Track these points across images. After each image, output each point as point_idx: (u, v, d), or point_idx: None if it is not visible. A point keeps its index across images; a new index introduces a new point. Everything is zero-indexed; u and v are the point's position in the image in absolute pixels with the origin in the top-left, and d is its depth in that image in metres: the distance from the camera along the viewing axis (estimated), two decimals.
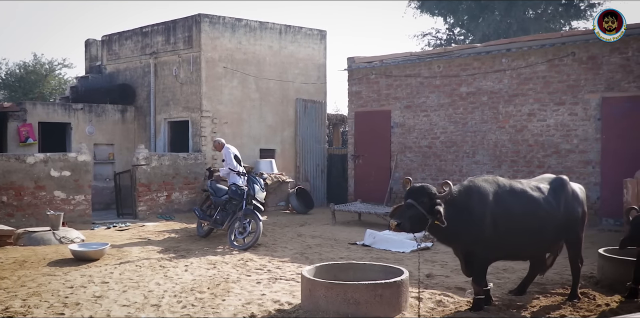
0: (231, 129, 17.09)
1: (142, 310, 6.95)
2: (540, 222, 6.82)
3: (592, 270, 8.46)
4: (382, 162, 16.48)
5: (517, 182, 7.04)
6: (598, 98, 12.89)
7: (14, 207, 12.85)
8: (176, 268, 9.35)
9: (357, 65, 16.88)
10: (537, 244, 7.02)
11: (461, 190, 6.62)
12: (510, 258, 7.44)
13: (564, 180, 7.22)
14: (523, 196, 6.82)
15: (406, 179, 6.76)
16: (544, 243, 7.05)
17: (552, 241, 7.12)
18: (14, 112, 16.28)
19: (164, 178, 15.34)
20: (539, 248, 7.18)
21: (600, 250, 8.15)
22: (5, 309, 6.92)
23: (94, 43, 20.89)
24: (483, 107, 14.56)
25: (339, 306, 6.44)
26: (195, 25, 16.63)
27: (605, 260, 7.95)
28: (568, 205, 7.05)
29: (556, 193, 7.02)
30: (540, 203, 6.85)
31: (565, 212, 7.01)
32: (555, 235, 7.05)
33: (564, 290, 7.58)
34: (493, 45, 14.73)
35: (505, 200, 6.68)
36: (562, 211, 6.97)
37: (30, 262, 9.79)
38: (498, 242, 6.63)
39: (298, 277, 8.53)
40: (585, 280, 7.98)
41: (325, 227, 13.81)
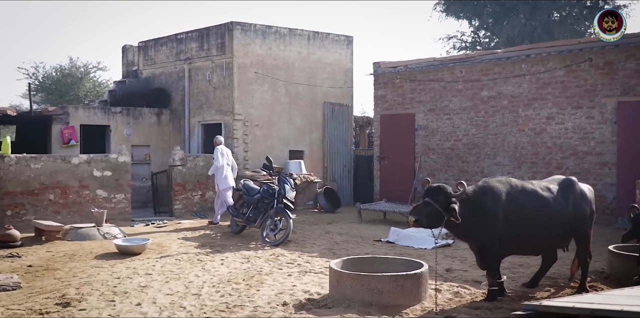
0: (262, 132, 17.81)
1: (184, 298, 7.62)
2: (550, 219, 7.37)
3: (604, 266, 8.97)
4: (407, 163, 17.03)
5: (528, 183, 7.62)
6: (614, 102, 13.33)
7: (60, 204, 13.65)
8: (213, 262, 10.02)
9: (383, 70, 17.48)
10: (547, 240, 7.58)
11: (476, 190, 7.21)
12: (522, 252, 8.02)
13: (573, 180, 7.77)
14: (533, 196, 7.39)
15: (425, 180, 7.38)
16: (553, 239, 7.60)
17: (561, 237, 7.67)
18: (58, 116, 17.18)
19: (198, 178, 16.08)
20: (548, 244, 7.75)
21: (610, 247, 8.67)
22: (62, 296, 7.64)
23: (131, 49, 21.75)
24: (503, 110, 15.06)
25: (363, 295, 7.05)
26: (227, 33, 17.38)
27: (615, 256, 8.45)
28: (576, 204, 7.58)
29: (565, 193, 7.56)
30: (549, 202, 7.40)
31: (574, 211, 7.54)
32: (564, 232, 7.60)
33: (574, 283, 8.02)
34: (513, 51, 15.24)
35: (517, 199, 7.24)
36: (571, 209, 7.50)
37: (79, 255, 10.55)
38: (510, 237, 7.19)
39: (326, 271, 9.17)
40: (595, 275, 8.47)
41: (352, 225, 14.37)
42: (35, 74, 37.32)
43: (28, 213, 13.20)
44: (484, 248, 7.32)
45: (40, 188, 13.39)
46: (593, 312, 3.79)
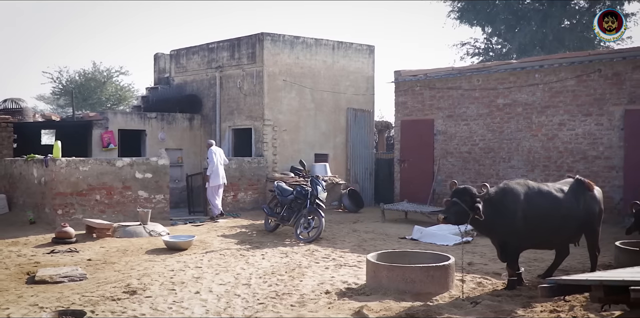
0: (289, 136, 18.79)
1: (236, 287, 8.57)
2: (563, 217, 8.27)
3: (611, 260, 9.84)
4: (426, 166, 17.86)
5: (544, 185, 8.57)
6: (621, 110, 14.12)
7: (106, 204, 14.64)
8: (254, 256, 10.95)
9: (403, 78, 18.37)
10: (560, 236, 8.51)
11: (497, 191, 8.14)
12: (538, 247, 8.97)
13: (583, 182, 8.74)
14: (549, 196, 8.31)
15: (452, 182, 8.35)
16: (566, 235, 8.53)
17: (573, 233, 8.59)
18: (98, 121, 18.21)
19: (230, 179, 17.00)
20: (561, 239, 8.67)
21: (617, 243, 9.59)
22: (127, 285, 8.60)
23: (162, 57, 22.72)
24: (518, 117, 15.91)
25: (398, 284, 7.98)
26: (258, 43, 18.36)
27: (621, 250, 9.37)
28: (586, 204, 8.50)
29: (576, 194, 8.51)
30: (562, 202, 8.32)
31: (584, 210, 8.47)
32: (575, 229, 8.52)
33: None
34: (527, 61, 16.13)
35: (534, 200, 8.16)
36: (582, 209, 8.45)
37: (131, 251, 11.50)
38: (527, 233, 8.09)
39: (359, 264, 10.15)
40: (604, 268, 9.31)
41: (376, 224, 15.20)
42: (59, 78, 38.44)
43: (77, 213, 14.18)
44: (505, 243, 8.22)
45: (88, 189, 14.38)
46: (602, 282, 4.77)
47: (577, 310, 7.08)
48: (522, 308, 7.25)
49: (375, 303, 7.42)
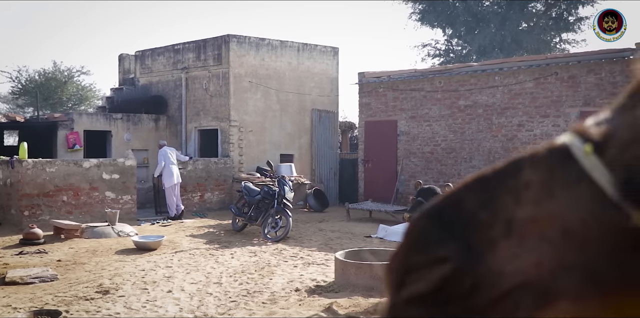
0: (255, 137, 18.97)
1: (208, 286, 8.79)
2: None
3: None
4: (389, 166, 18.23)
5: None
6: (577, 112, 14.60)
7: (73, 205, 14.68)
8: (224, 255, 11.15)
9: (367, 79, 18.71)
10: None
11: None
12: None
13: None
14: None
15: (417, 182, 8.73)
16: None
17: None
18: (63, 122, 18.18)
19: (197, 180, 17.20)
20: None
21: None
22: (99, 285, 8.74)
23: (127, 57, 22.69)
24: (479, 118, 16.35)
25: (366, 281, 8.29)
26: (224, 44, 18.51)
27: None
28: None
29: None
30: None
31: None
32: None
33: None
34: (487, 64, 16.60)
35: None
36: None
37: (100, 251, 11.59)
38: None
39: (327, 262, 10.43)
40: None
41: (342, 223, 15.46)
42: (18, 77, 37.93)
43: (44, 214, 14.19)
44: None
45: (55, 190, 14.41)
46: None
47: None
48: None
49: (345, 300, 7.69)
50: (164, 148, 16.34)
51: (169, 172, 15.95)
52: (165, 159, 16.02)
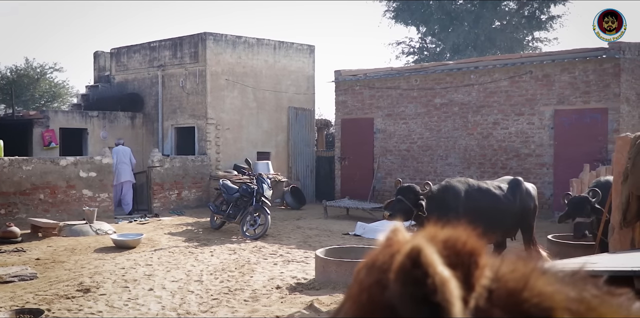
0: (232, 134, 18.99)
1: (189, 284, 8.82)
2: (501, 213, 8.79)
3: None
4: (366, 164, 18.36)
5: (483, 183, 9.09)
6: (551, 110, 14.85)
7: (49, 203, 14.61)
8: (203, 253, 11.19)
9: (344, 77, 18.79)
10: (499, 230, 9.04)
11: (440, 189, 8.60)
12: None
13: (519, 180, 9.27)
14: (487, 193, 8.82)
15: (397, 180, 8.80)
16: (504, 229, 9.07)
17: (510, 228, 9.15)
18: (38, 119, 18.04)
19: (175, 178, 17.19)
20: (500, 234, 9.23)
21: (549, 236, 10.24)
22: (80, 284, 8.73)
23: (102, 55, 22.54)
24: (454, 116, 16.53)
25: (347, 278, 8.37)
26: (201, 42, 18.50)
27: (553, 243, 10.03)
28: (522, 200, 9.06)
29: (513, 191, 9.03)
30: (500, 199, 8.85)
31: (520, 206, 8.99)
32: (512, 224, 9.07)
33: None
34: (463, 63, 16.78)
35: (474, 196, 8.65)
36: (518, 205, 8.97)
37: (79, 249, 11.55)
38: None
39: (307, 260, 10.52)
40: None
41: (319, 221, 15.58)
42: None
43: (20, 212, 14.11)
44: None
45: (31, 188, 14.32)
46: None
47: None
48: None
49: (326, 297, 7.78)
50: (118, 147, 16.87)
51: (116, 171, 16.40)
52: (117, 157, 16.52)
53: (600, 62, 14.08)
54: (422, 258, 0.94)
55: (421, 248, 0.95)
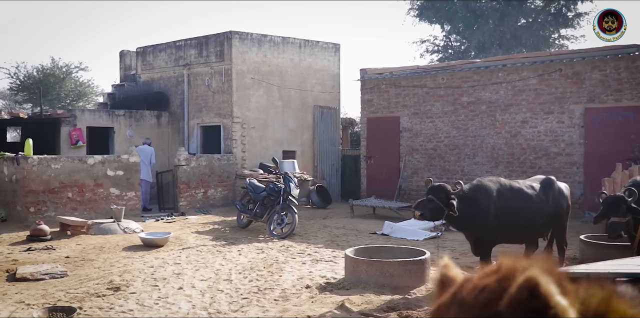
0: (258, 133, 18.99)
1: (218, 283, 8.79)
2: (533, 213, 8.67)
3: (575, 254, 10.34)
4: (392, 163, 18.24)
5: (515, 182, 8.96)
6: (581, 108, 14.65)
7: (78, 201, 14.70)
8: (231, 252, 11.17)
9: (369, 76, 18.70)
10: (531, 230, 8.91)
11: (471, 188, 8.48)
12: (510, 241, 9.34)
13: (552, 179, 9.14)
14: (519, 193, 8.69)
15: (428, 180, 8.68)
16: (536, 229, 8.93)
17: (542, 228, 9.01)
18: (66, 118, 18.16)
19: (201, 176, 17.22)
20: (532, 234, 9.06)
21: (581, 237, 10.07)
22: (110, 282, 8.75)
23: (128, 54, 22.67)
24: (482, 114, 16.37)
25: (377, 278, 8.30)
26: (226, 41, 18.51)
27: (585, 244, 9.88)
28: (555, 199, 8.91)
29: (546, 190, 8.89)
30: (533, 198, 8.72)
31: (553, 205, 8.85)
32: (545, 224, 8.93)
33: None
34: (491, 61, 16.60)
35: (506, 196, 8.53)
36: (551, 204, 8.82)
37: (108, 248, 11.60)
38: (500, 228, 8.50)
39: (335, 259, 10.45)
40: (569, 261, 9.76)
41: (346, 220, 15.50)
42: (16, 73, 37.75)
43: (49, 210, 14.22)
44: (478, 238, 8.58)
45: (60, 187, 14.42)
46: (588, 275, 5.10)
47: None
48: None
49: (357, 297, 7.71)
50: (141, 146, 17.16)
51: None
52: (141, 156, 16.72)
53: (633, 60, 13.85)
54: (541, 289, 1.03)
55: (538, 279, 1.04)
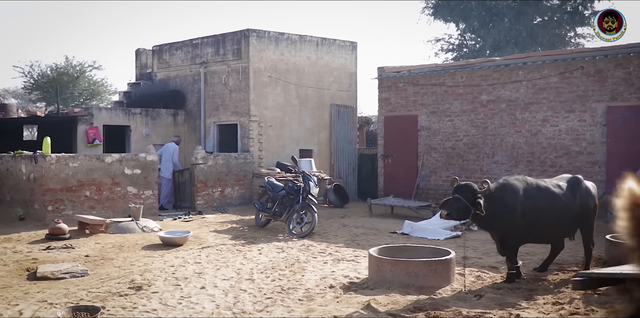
0: (275, 132, 18.91)
1: (240, 282, 8.69)
2: (560, 212, 8.57)
3: (600, 254, 10.16)
4: (409, 162, 18.11)
5: (542, 181, 8.84)
6: (604, 107, 14.47)
7: (95, 200, 14.66)
8: (251, 251, 11.08)
9: (387, 74, 18.59)
10: (557, 230, 8.81)
11: (497, 187, 8.38)
12: (536, 241, 9.25)
13: (579, 178, 9.01)
14: (546, 192, 8.59)
15: (453, 178, 8.57)
16: (562, 229, 8.83)
17: (569, 227, 8.89)
18: (83, 116, 18.13)
19: (218, 175, 17.16)
20: (558, 233, 8.96)
21: (607, 236, 9.92)
22: (131, 281, 8.68)
23: (144, 52, 22.63)
24: (502, 113, 16.23)
25: (402, 278, 8.19)
26: (244, 39, 18.43)
27: (611, 244, 9.72)
28: (582, 199, 8.79)
29: (573, 190, 8.78)
30: (559, 197, 8.61)
31: (580, 205, 8.74)
32: (571, 223, 8.81)
33: (578, 268, 9.24)
34: (511, 59, 16.44)
35: (532, 195, 8.43)
36: (578, 204, 8.71)
37: (127, 247, 11.56)
38: (526, 228, 8.39)
39: (357, 259, 10.35)
40: (594, 261, 9.64)
41: (364, 219, 15.41)
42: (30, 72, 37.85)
43: (67, 209, 14.19)
44: (504, 238, 8.48)
45: (78, 185, 14.38)
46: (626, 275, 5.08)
47: (578, 302, 7.34)
48: (525, 301, 7.48)
49: (382, 297, 7.61)
50: (170, 144, 17.50)
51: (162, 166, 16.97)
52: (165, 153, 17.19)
53: None
54: None
55: None
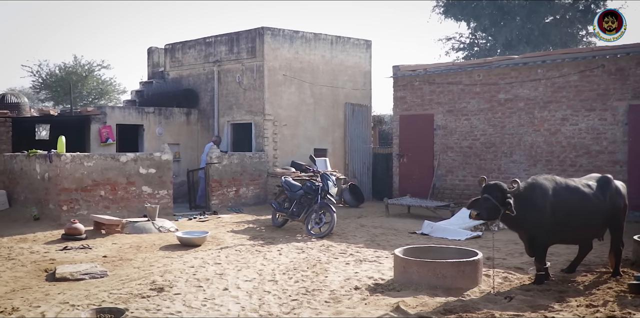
0: (289, 131, 18.74)
1: (263, 284, 8.54)
2: (589, 212, 8.41)
3: (626, 255, 9.97)
4: (425, 161, 17.90)
5: (571, 180, 8.67)
6: (625, 105, 14.27)
7: (110, 200, 14.51)
8: (271, 252, 10.93)
9: (402, 73, 18.38)
10: (587, 230, 8.64)
11: (526, 187, 8.21)
12: (565, 241, 9.06)
13: (609, 178, 8.84)
14: (576, 191, 8.43)
15: (482, 178, 8.39)
16: (592, 229, 8.66)
17: (598, 228, 8.73)
18: (96, 116, 17.99)
19: (233, 175, 17.01)
20: (588, 234, 8.79)
21: (635, 237, 9.72)
22: (152, 282, 8.54)
23: (156, 51, 22.49)
24: (520, 112, 16.03)
25: (429, 279, 8.04)
26: (258, 37, 18.27)
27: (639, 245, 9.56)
28: (612, 198, 8.63)
29: (602, 189, 8.62)
30: (589, 197, 8.45)
31: (610, 204, 8.58)
32: (601, 223, 8.65)
33: (605, 269, 9.09)
34: (529, 57, 16.23)
35: (562, 195, 8.28)
36: (608, 203, 8.58)
37: (144, 247, 11.43)
38: (556, 228, 8.22)
39: (379, 259, 10.19)
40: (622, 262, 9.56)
41: (382, 219, 15.25)
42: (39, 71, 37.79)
43: (82, 209, 14.05)
44: (533, 238, 8.32)
45: (92, 184, 14.24)
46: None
47: (612, 305, 7.17)
48: (558, 303, 7.32)
49: (410, 299, 7.46)
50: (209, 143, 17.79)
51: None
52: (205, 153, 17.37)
53: None
54: None
55: None
